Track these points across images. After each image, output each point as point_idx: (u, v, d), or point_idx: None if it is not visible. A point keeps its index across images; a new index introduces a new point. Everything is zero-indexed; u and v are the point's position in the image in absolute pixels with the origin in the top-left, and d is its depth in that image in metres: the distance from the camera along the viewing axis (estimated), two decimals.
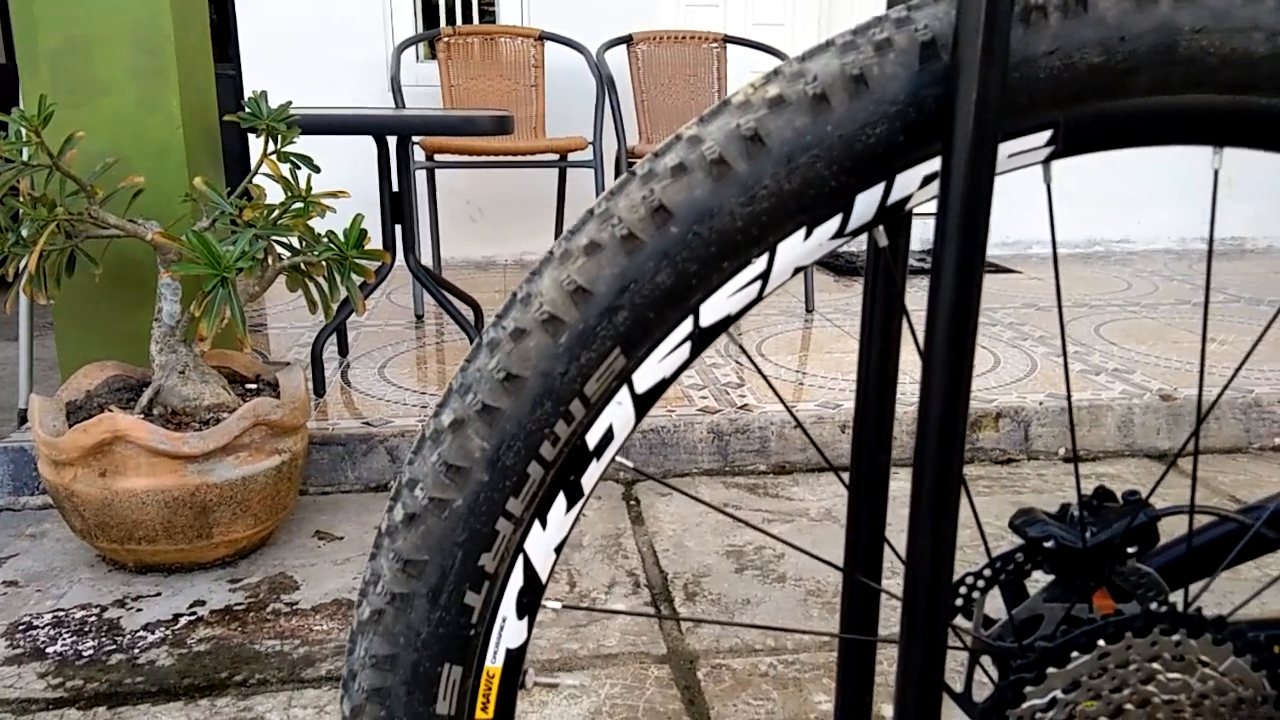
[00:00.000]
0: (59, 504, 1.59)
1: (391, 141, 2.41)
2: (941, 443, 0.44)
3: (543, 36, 3.44)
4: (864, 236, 0.50)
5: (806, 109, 0.43)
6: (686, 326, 0.46)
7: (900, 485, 1.78)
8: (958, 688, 0.60)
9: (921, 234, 3.97)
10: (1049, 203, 0.47)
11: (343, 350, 2.59)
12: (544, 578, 0.48)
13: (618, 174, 3.13)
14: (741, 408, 2.14)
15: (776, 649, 1.41)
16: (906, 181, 0.45)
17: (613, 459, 0.48)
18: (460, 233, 3.87)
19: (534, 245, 3.96)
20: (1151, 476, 2.05)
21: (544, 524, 0.47)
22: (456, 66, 3.38)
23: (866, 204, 0.45)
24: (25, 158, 1.54)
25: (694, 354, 0.47)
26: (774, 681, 1.33)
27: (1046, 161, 0.47)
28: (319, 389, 2.21)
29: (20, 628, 1.46)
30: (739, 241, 0.44)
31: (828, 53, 0.43)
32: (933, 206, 0.45)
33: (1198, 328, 2.88)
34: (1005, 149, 0.45)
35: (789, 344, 2.71)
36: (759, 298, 0.47)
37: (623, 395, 0.46)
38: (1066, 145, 0.46)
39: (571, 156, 3.16)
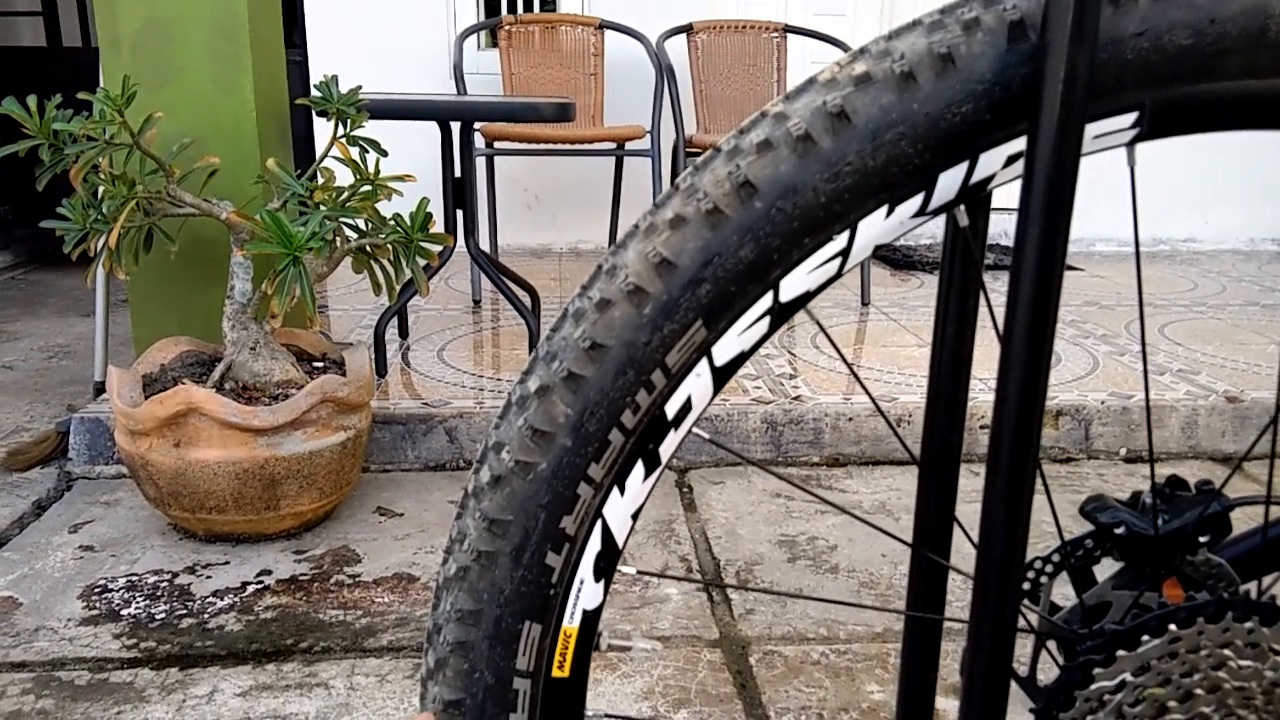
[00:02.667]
0: (134, 473, 1.65)
1: (455, 127, 2.44)
2: (1019, 421, 0.45)
3: (603, 25, 3.45)
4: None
5: (893, 86, 0.43)
6: (766, 301, 0.47)
7: (961, 482, 1.77)
8: (1021, 672, 0.60)
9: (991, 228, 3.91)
10: (1132, 185, 0.47)
11: (403, 332, 2.63)
12: (621, 543, 0.49)
13: (675, 163, 3.14)
14: (795, 399, 2.14)
15: (829, 638, 1.41)
16: (990, 161, 0.45)
17: (690, 430, 0.49)
18: (517, 220, 3.91)
19: (590, 234, 3.98)
20: (1215, 480, 2.01)
21: (622, 490, 0.48)
22: (517, 55, 3.41)
23: (949, 183, 0.45)
24: (108, 137, 1.59)
25: (772, 329, 0.48)
26: (826, 670, 1.34)
27: (1131, 144, 0.47)
28: (381, 369, 2.25)
29: (96, 590, 1.52)
30: (821, 218, 0.45)
31: (915, 31, 0.44)
32: (1010, 197, 0.46)
33: (1266, 330, 2.81)
34: (1091, 130, 0.45)
35: (844, 337, 2.70)
36: (839, 274, 0.48)
37: (702, 367, 0.47)
38: (1152, 128, 0.46)
39: (629, 145, 3.17)
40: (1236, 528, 0.62)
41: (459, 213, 2.46)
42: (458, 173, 2.44)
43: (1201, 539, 0.60)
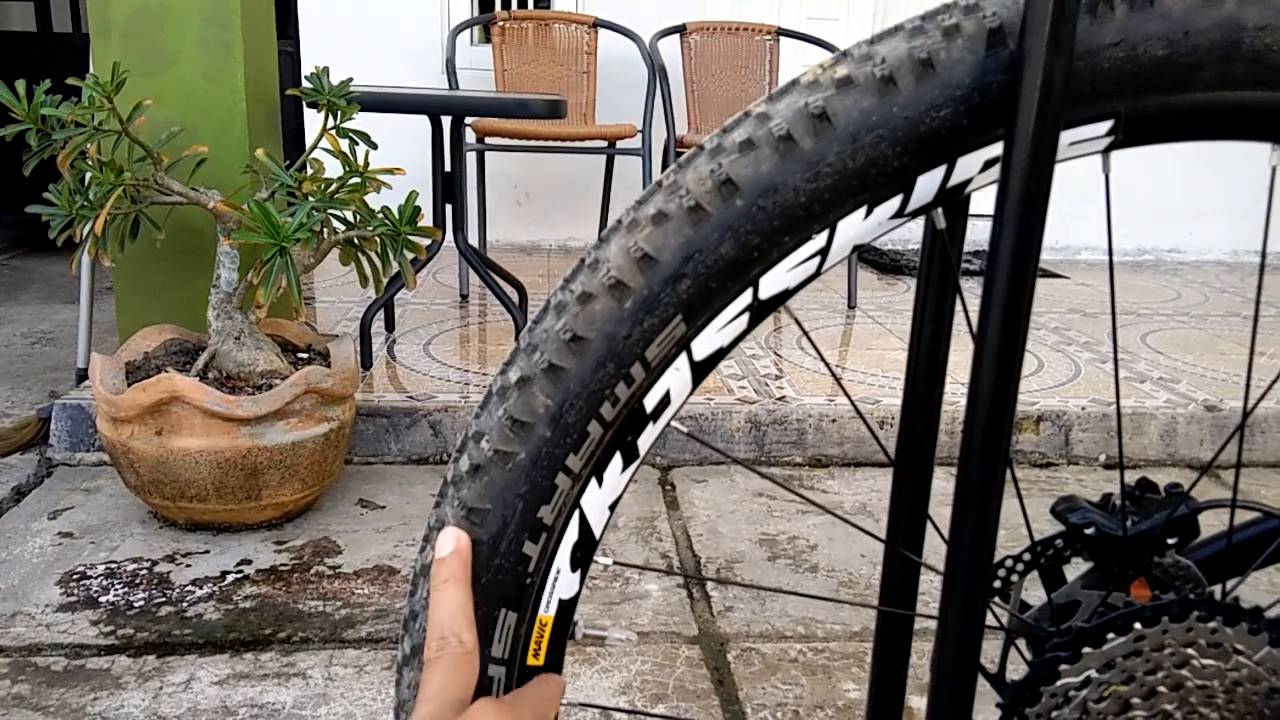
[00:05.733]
0: (115, 460, 1.64)
1: (446, 122, 2.44)
2: (990, 419, 0.46)
3: (596, 24, 3.45)
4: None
5: (874, 90, 0.44)
6: (746, 298, 0.47)
7: (937, 483, 1.79)
8: (991, 669, 0.61)
9: (970, 235, 3.94)
10: (1106, 193, 0.48)
11: (389, 325, 2.63)
12: (598, 533, 0.50)
13: (665, 163, 3.14)
14: (780, 399, 2.15)
15: (807, 636, 1.42)
16: (967, 165, 0.46)
17: (668, 423, 0.50)
18: (506, 215, 3.91)
19: (579, 231, 3.98)
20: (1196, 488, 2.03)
21: (600, 481, 0.49)
22: (510, 51, 3.41)
23: (927, 185, 0.46)
24: (96, 123, 1.59)
25: (751, 325, 0.49)
26: (803, 667, 1.35)
27: (1106, 151, 0.48)
28: (366, 362, 2.25)
29: (75, 577, 1.52)
30: (801, 217, 0.46)
31: (896, 36, 0.45)
32: (989, 198, 0.47)
33: (1246, 340, 2.83)
34: (1066, 137, 0.46)
35: (830, 339, 2.71)
36: (817, 273, 0.48)
37: (681, 362, 0.48)
38: (1127, 136, 0.47)
39: (620, 144, 3.18)
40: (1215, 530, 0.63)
41: (448, 207, 2.46)
42: (448, 167, 2.44)
43: (1170, 541, 0.61)
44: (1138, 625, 0.51)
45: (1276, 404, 2.22)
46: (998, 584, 0.62)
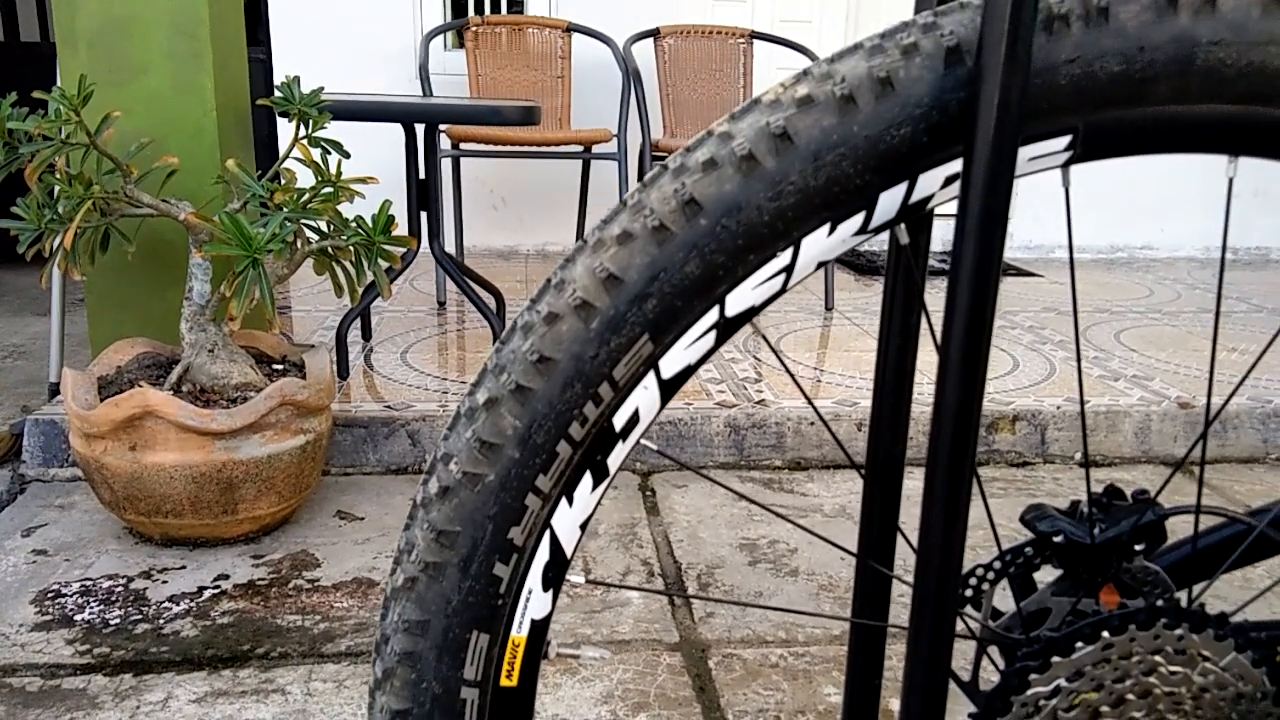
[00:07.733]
0: (89, 476, 1.62)
1: (419, 129, 2.43)
2: (956, 432, 0.46)
3: (570, 28, 3.45)
4: (885, 234, 0.52)
5: (834, 109, 0.44)
6: (712, 316, 0.48)
7: (912, 485, 1.80)
8: (965, 678, 0.62)
9: (941, 234, 3.97)
10: (1067, 206, 0.48)
11: (366, 334, 2.62)
12: (569, 553, 0.50)
13: (641, 167, 3.15)
14: (759, 403, 2.16)
15: (787, 640, 1.43)
16: (929, 181, 0.46)
17: (638, 441, 0.50)
18: (483, 221, 3.90)
19: (556, 236, 3.98)
20: (1169, 484, 2.06)
21: (570, 501, 0.49)
22: (484, 56, 3.40)
23: (889, 202, 0.47)
24: (64, 136, 1.57)
25: (719, 343, 0.49)
26: (784, 672, 1.35)
27: (1065, 165, 0.48)
28: (343, 372, 2.24)
29: (49, 595, 1.50)
30: (765, 235, 0.46)
31: (856, 55, 0.45)
32: (953, 207, 0.47)
33: (1218, 337, 2.87)
34: (1025, 152, 0.47)
35: (808, 341, 2.72)
36: (783, 290, 0.49)
37: (649, 380, 0.48)
38: (1085, 150, 0.48)
39: (596, 148, 3.18)
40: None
41: (423, 214, 2.45)
42: (422, 174, 2.44)
43: (1137, 547, 0.61)
44: (1105, 633, 0.52)
45: (1248, 400, 2.24)
46: (969, 593, 0.63)
